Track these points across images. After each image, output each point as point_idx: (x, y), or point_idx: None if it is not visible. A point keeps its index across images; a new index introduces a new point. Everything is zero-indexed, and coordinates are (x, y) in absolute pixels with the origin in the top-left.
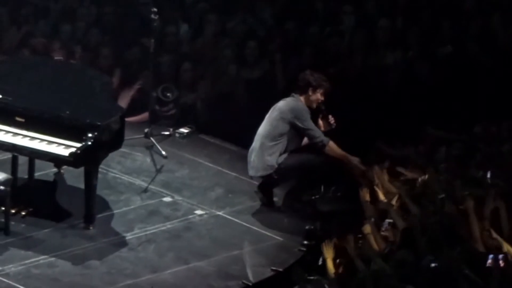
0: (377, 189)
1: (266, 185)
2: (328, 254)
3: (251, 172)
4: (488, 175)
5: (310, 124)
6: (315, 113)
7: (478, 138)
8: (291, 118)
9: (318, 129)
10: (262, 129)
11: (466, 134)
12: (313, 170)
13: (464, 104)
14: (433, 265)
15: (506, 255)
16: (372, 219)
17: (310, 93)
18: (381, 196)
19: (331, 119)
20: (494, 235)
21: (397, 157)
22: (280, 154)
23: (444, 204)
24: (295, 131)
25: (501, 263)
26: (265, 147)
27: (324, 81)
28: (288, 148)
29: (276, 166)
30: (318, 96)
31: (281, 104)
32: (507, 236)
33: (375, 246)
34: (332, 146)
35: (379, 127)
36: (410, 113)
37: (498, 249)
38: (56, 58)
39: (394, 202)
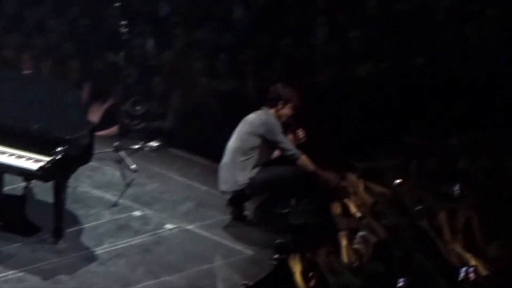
0: (349, 202)
1: (238, 199)
2: (296, 268)
3: (223, 187)
4: (456, 188)
5: (282, 137)
6: (285, 126)
7: (453, 150)
8: (262, 132)
9: (290, 143)
10: (233, 143)
11: (442, 145)
12: (285, 184)
13: (438, 115)
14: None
15: (476, 267)
16: (345, 233)
17: (279, 106)
18: (353, 209)
19: (301, 132)
20: (458, 249)
21: (370, 170)
22: (252, 168)
23: (421, 216)
24: (267, 144)
25: (471, 275)
26: (236, 162)
27: (294, 95)
28: (259, 162)
29: (249, 181)
30: (287, 110)
31: (252, 118)
32: (481, 247)
33: (346, 259)
34: (304, 159)
35: (352, 139)
36: (384, 124)
37: (467, 262)
38: (25, 71)
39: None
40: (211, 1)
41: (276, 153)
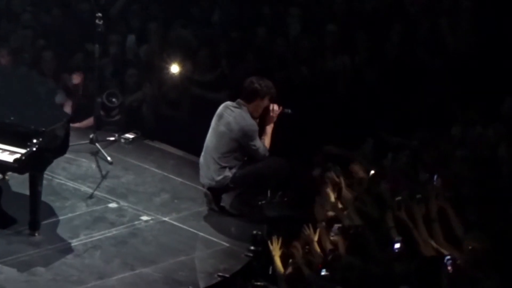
0: (329, 193)
1: (218, 190)
2: (276, 251)
3: (205, 181)
4: (434, 178)
5: (257, 142)
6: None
7: (427, 142)
8: (241, 140)
9: (262, 145)
10: (210, 142)
11: (416, 139)
12: (268, 178)
13: (413, 108)
14: None
15: (453, 259)
16: (323, 224)
17: (258, 101)
18: (333, 200)
19: (275, 106)
20: (433, 243)
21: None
22: (233, 167)
23: (400, 207)
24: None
25: (449, 268)
26: (217, 162)
27: (270, 88)
28: (241, 159)
29: (232, 176)
30: (265, 102)
31: (229, 118)
32: (460, 235)
33: (320, 252)
34: None
35: (327, 133)
36: (358, 118)
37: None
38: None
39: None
40: None
41: None
